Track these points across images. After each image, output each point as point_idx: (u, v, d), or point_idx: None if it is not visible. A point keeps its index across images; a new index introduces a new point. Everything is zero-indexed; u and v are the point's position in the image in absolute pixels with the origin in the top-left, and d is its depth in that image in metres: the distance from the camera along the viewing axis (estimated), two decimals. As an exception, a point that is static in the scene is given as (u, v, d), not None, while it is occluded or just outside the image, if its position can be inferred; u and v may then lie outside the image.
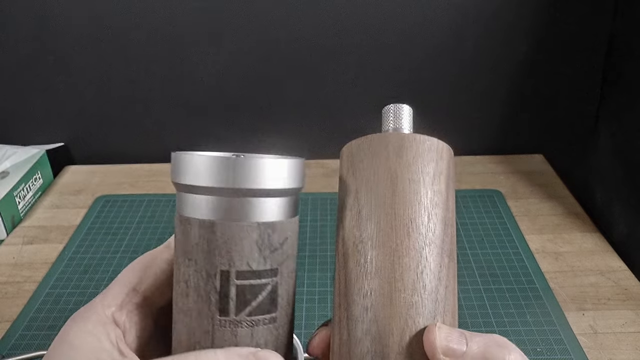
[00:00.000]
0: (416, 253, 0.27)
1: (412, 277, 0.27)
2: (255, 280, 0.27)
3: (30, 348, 0.54)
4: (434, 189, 0.28)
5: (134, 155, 0.88)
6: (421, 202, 0.28)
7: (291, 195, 0.29)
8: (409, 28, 0.78)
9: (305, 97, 0.83)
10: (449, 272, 0.28)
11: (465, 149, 0.87)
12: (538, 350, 0.52)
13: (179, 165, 0.28)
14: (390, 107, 0.33)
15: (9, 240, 0.71)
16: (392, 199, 0.28)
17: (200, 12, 0.77)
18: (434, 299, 0.27)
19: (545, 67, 0.81)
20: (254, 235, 0.27)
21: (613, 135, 0.73)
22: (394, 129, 0.32)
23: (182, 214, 0.28)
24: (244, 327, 0.27)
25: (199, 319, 0.27)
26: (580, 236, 0.68)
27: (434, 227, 0.28)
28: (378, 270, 0.27)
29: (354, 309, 0.27)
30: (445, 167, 0.30)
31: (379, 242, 0.27)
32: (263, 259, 0.27)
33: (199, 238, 0.27)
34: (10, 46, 0.80)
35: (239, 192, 0.27)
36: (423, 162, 0.29)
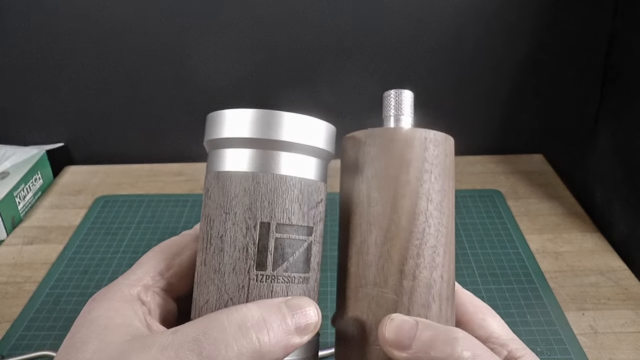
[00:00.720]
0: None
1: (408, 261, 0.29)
2: (294, 235, 0.27)
3: (30, 348, 0.54)
4: (434, 186, 0.30)
5: (134, 155, 0.88)
6: (422, 192, 0.29)
7: (326, 158, 0.30)
8: (409, 28, 0.78)
9: (305, 97, 0.83)
10: (445, 254, 0.30)
11: (465, 149, 0.87)
12: (538, 350, 0.52)
13: (219, 121, 0.29)
14: (391, 92, 0.32)
15: (9, 240, 0.71)
16: (396, 190, 0.29)
17: (201, 12, 0.77)
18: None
19: (545, 67, 0.81)
20: (296, 190, 0.27)
21: (613, 135, 0.73)
22: (394, 115, 0.32)
23: (220, 170, 0.28)
24: (280, 282, 0.27)
25: (232, 274, 0.27)
26: (580, 236, 0.69)
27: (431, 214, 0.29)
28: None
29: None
30: (442, 158, 0.30)
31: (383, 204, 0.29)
32: (302, 214, 0.27)
33: (241, 190, 0.27)
34: (10, 46, 0.80)
35: (283, 145, 0.27)
36: (422, 158, 0.29)
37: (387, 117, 0.32)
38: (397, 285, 0.28)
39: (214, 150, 0.29)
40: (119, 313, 0.27)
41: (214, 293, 0.27)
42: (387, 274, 0.28)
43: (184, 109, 0.85)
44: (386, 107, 0.32)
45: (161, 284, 0.30)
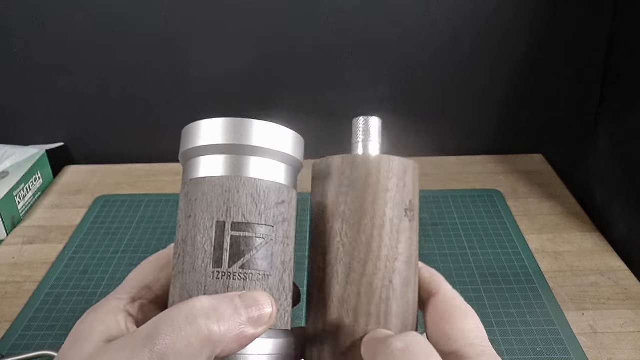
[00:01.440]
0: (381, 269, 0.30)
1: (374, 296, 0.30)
2: (250, 233, 0.28)
3: (30, 348, 0.54)
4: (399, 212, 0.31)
5: (134, 155, 0.88)
6: (387, 216, 0.31)
7: (285, 162, 0.30)
8: (408, 29, 0.78)
9: (305, 97, 0.83)
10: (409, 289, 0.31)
11: (465, 149, 0.87)
12: (538, 350, 0.52)
13: (183, 136, 0.30)
14: (360, 119, 0.33)
15: (9, 240, 0.71)
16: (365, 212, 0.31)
17: (201, 12, 0.77)
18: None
19: (545, 67, 0.81)
20: (250, 188, 0.28)
21: (613, 135, 0.73)
22: (363, 141, 0.33)
23: (184, 181, 0.30)
24: (236, 279, 0.27)
25: (193, 273, 0.28)
26: (580, 236, 0.69)
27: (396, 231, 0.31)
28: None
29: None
30: (417, 182, 0.32)
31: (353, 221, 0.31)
32: (258, 213, 0.28)
33: (199, 194, 0.28)
34: (10, 46, 0.80)
35: (234, 149, 0.29)
36: (388, 189, 0.31)
37: (355, 144, 0.33)
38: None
39: (184, 166, 0.31)
40: (102, 323, 0.28)
41: (178, 293, 0.28)
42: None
43: (184, 109, 0.85)
44: (355, 134, 0.33)
45: (150, 296, 0.31)
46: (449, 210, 0.74)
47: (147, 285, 0.31)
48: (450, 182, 0.80)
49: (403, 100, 0.84)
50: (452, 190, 0.78)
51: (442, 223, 0.71)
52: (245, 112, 0.90)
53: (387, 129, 0.33)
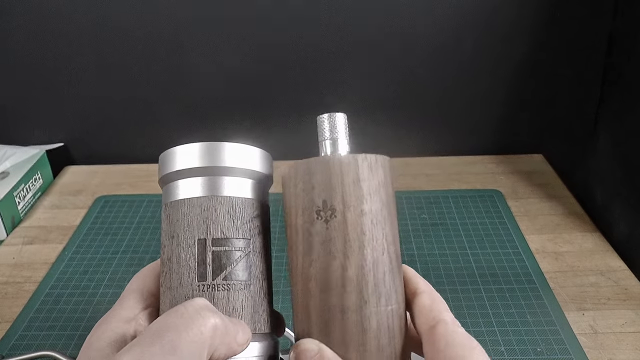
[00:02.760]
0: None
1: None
2: (229, 247, 0.30)
3: (30, 348, 0.54)
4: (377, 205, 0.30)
5: (134, 155, 0.88)
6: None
7: (256, 178, 0.32)
8: (408, 29, 0.78)
9: (305, 97, 0.83)
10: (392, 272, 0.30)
11: (465, 149, 0.87)
12: (538, 350, 0.52)
13: (160, 162, 0.32)
14: (324, 116, 0.33)
15: (9, 240, 0.71)
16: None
17: (201, 13, 0.77)
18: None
19: (545, 67, 0.81)
20: (226, 205, 0.30)
21: (613, 135, 0.73)
22: (330, 138, 0.32)
23: (165, 203, 0.32)
24: (220, 290, 0.29)
25: (180, 288, 0.30)
26: (580, 236, 0.68)
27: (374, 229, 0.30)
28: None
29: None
30: (382, 178, 0.31)
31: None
32: (235, 228, 0.30)
33: (180, 215, 0.31)
34: (11, 46, 0.80)
35: (207, 171, 0.31)
36: (363, 183, 0.30)
37: (322, 142, 0.33)
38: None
39: (163, 189, 0.33)
40: (113, 332, 0.28)
41: (168, 307, 0.30)
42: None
43: (184, 109, 0.85)
44: (321, 132, 0.33)
45: (157, 304, 0.31)
46: (449, 210, 0.74)
47: (152, 293, 0.32)
48: (450, 182, 0.80)
49: (403, 100, 0.84)
50: (452, 190, 0.78)
51: (442, 223, 0.71)
52: (244, 113, 0.90)
53: (387, 129, 0.33)
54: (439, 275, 0.63)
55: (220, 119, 0.85)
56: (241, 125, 0.85)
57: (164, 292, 0.30)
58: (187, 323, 0.25)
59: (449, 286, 0.61)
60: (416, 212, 0.73)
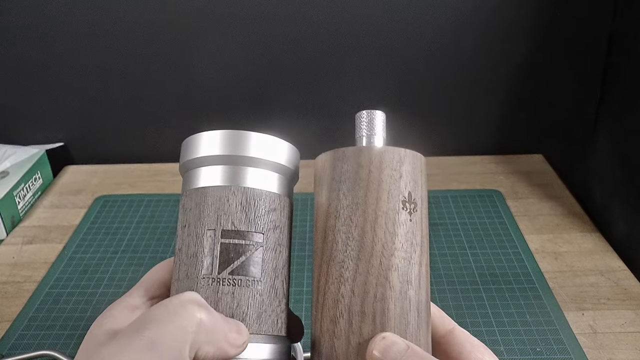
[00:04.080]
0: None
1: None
2: (239, 240, 0.29)
3: (29, 348, 0.54)
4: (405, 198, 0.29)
5: (134, 155, 0.88)
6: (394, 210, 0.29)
7: (277, 171, 0.31)
8: (408, 29, 0.78)
9: (305, 97, 0.83)
10: (421, 276, 0.29)
11: (465, 149, 0.87)
12: (538, 350, 0.52)
13: (181, 150, 0.32)
14: (363, 113, 0.32)
15: (8, 240, 0.71)
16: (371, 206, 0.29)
17: (201, 13, 0.77)
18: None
19: (545, 67, 0.81)
20: (240, 196, 0.29)
21: (613, 135, 0.73)
22: (367, 136, 0.31)
23: (181, 194, 0.31)
24: (225, 285, 0.28)
25: (186, 280, 0.29)
26: (580, 236, 0.69)
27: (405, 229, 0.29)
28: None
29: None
30: (418, 174, 0.30)
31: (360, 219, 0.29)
32: (248, 221, 0.29)
33: (193, 204, 0.30)
34: (10, 46, 0.80)
35: (226, 159, 0.30)
36: (396, 176, 0.29)
37: (359, 138, 0.32)
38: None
39: (183, 178, 0.32)
40: (114, 320, 0.28)
41: None
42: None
43: (184, 109, 0.85)
44: (358, 128, 0.32)
45: (167, 294, 0.31)
46: (449, 210, 0.74)
47: (164, 283, 0.31)
48: (450, 182, 0.80)
49: (403, 100, 0.84)
50: (452, 190, 0.78)
51: (442, 223, 0.71)
52: (244, 112, 0.91)
53: (387, 129, 0.33)
54: (438, 275, 0.63)
55: (221, 119, 0.85)
56: (242, 124, 0.85)
57: (173, 283, 0.30)
58: (170, 317, 0.25)
59: (449, 286, 0.61)
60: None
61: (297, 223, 0.72)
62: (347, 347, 0.28)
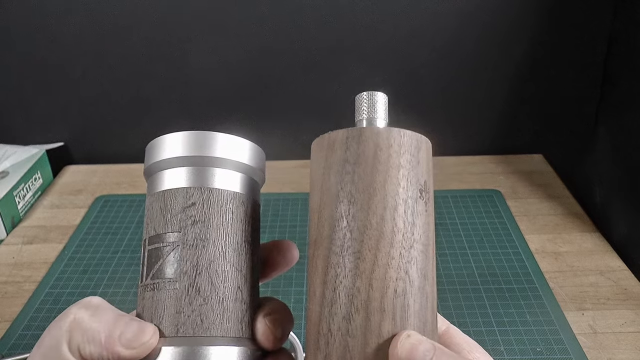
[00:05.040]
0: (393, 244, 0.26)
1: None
2: (159, 243, 0.28)
3: (29, 348, 0.54)
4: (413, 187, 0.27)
5: (134, 155, 0.88)
6: (400, 196, 0.27)
7: (191, 164, 0.30)
8: (409, 29, 0.78)
9: (305, 97, 0.83)
10: (424, 264, 0.27)
11: (465, 149, 0.87)
12: (538, 350, 0.52)
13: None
14: (363, 95, 0.30)
15: (8, 240, 0.71)
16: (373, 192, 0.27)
17: (201, 13, 0.77)
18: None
19: (545, 67, 0.81)
20: (160, 201, 0.29)
21: (613, 135, 0.73)
22: (367, 119, 0.30)
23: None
24: (148, 290, 0.28)
25: (138, 289, 0.30)
26: (580, 236, 0.69)
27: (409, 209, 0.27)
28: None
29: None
30: (430, 162, 0.29)
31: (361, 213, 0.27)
32: (165, 222, 0.29)
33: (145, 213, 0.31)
34: (10, 46, 0.80)
35: (148, 171, 0.31)
36: (399, 159, 0.27)
37: (359, 121, 0.30)
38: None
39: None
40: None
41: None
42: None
43: (183, 109, 0.85)
44: (359, 111, 0.30)
45: None
46: (449, 210, 0.74)
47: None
48: (450, 182, 0.80)
49: (403, 99, 0.84)
50: (452, 190, 0.78)
51: (442, 223, 0.71)
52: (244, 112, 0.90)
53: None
54: (438, 275, 0.63)
55: (221, 119, 0.85)
56: (242, 124, 0.85)
57: None
58: (56, 319, 0.27)
59: (449, 286, 0.61)
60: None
61: (297, 223, 0.72)
62: (364, 347, 0.25)
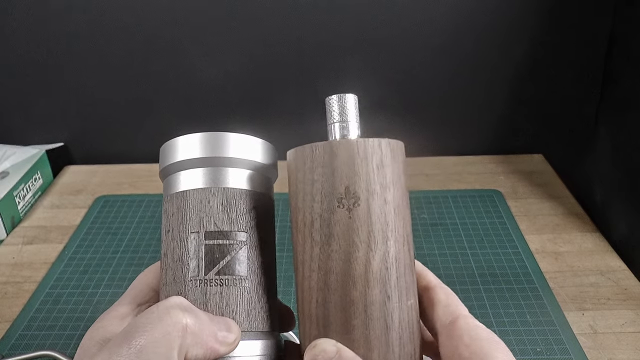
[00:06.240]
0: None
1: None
2: (223, 240, 0.29)
3: (29, 348, 0.54)
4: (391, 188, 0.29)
5: (134, 155, 0.88)
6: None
7: (255, 169, 0.31)
8: (408, 28, 0.78)
9: (305, 97, 0.83)
10: (405, 257, 0.29)
11: (465, 149, 0.87)
12: (538, 350, 0.52)
13: (160, 156, 0.32)
14: (333, 98, 0.31)
15: (8, 240, 0.71)
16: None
17: (201, 13, 0.77)
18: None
19: (545, 67, 0.81)
20: (220, 197, 0.29)
21: (613, 135, 0.73)
22: (340, 122, 0.30)
23: (164, 197, 0.31)
24: (213, 285, 0.28)
25: (173, 284, 0.29)
26: (580, 236, 0.68)
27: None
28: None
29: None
30: (402, 164, 0.30)
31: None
32: (230, 220, 0.29)
33: (175, 209, 0.30)
34: (10, 46, 0.80)
35: (204, 162, 0.30)
36: (372, 167, 0.28)
37: (331, 125, 0.31)
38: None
39: (163, 183, 0.32)
40: (105, 330, 0.28)
41: None
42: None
43: (183, 109, 0.85)
44: (330, 114, 0.31)
45: (156, 299, 0.31)
46: (449, 210, 0.74)
47: (152, 289, 0.31)
48: (450, 182, 0.80)
49: (403, 99, 0.84)
50: (452, 190, 0.78)
51: (442, 223, 0.71)
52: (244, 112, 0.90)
53: (387, 129, 0.33)
54: (438, 275, 0.62)
55: (221, 119, 0.85)
56: (242, 124, 0.85)
57: (161, 288, 0.30)
58: (155, 323, 0.25)
59: (449, 286, 0.61)
60: (416, 212, 0.73)
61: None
62: (304, 350, 0.28)
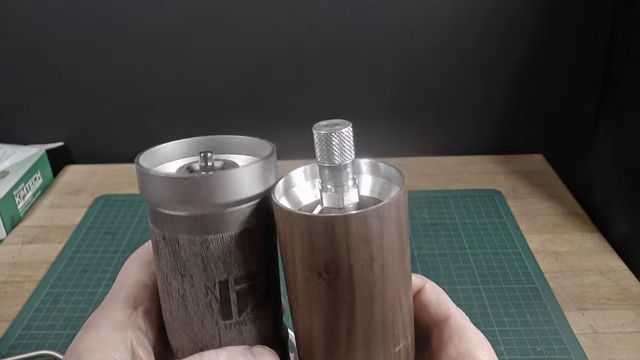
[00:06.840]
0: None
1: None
2: (252, 281, 0.28)
3: (29, 347, 0.54)
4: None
5: (134, 155, 0.87)
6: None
7: (261, 197, 0.28)
8: (408, 28, 0.78)
9: (305, 97, 0.83)
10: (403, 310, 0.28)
11: (465, 149, 0.87)
12: (538, 350, 0.52)
13: (146, 183, 0.28)
14: (322, 134, 0.26)
15: (8, 239, 0.71)
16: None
17: (201, 13, 0.77)
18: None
19: (545, 67, 0.81)
20: (246, 242, 0.27)
21: (613, 134, 0.73)
22: (325, 190, 0.27)
23: (165, 232, 0.27)
24: (248, 324, 0.28)
25: (202, 327, 0.28)
26: (580, 236, 0.68)
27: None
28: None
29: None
30: (395, 222, 0.26)
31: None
32: (256, 260, 0.28)
33: (192, 254, 0.26)
34: (10, 46, 0.80)
35: (221, 206, 0.26)
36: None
37: (320, 167, 0.27)
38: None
39: (157, 208, 0.27)
40: (103, 344, 0.26)
41: (187, 342, 0.29)
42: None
43: (183, 108, 0.85)
44: (321, 153, 0.26)
45: (149, 295, 0.29)
46: (449, 210, 0.74)
47: (144, 284, 0.29)
48: (450, 182, 0.80)
49: (403, 99, 0.84)
50: (452, 190, 0.78)
51: (442, 223, 0.71)
52: (245, 113, 0.90)
53: (387, 129, 0.32)
54: (438, 275, 0.63)
55: (221, 119, 0.85)
56: (242, 124, 0.85)
57: (177, 323, 0.28)
58: None
59: (449, 286, 0.61)
60: (416, 212, 0.73)
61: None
62: None
